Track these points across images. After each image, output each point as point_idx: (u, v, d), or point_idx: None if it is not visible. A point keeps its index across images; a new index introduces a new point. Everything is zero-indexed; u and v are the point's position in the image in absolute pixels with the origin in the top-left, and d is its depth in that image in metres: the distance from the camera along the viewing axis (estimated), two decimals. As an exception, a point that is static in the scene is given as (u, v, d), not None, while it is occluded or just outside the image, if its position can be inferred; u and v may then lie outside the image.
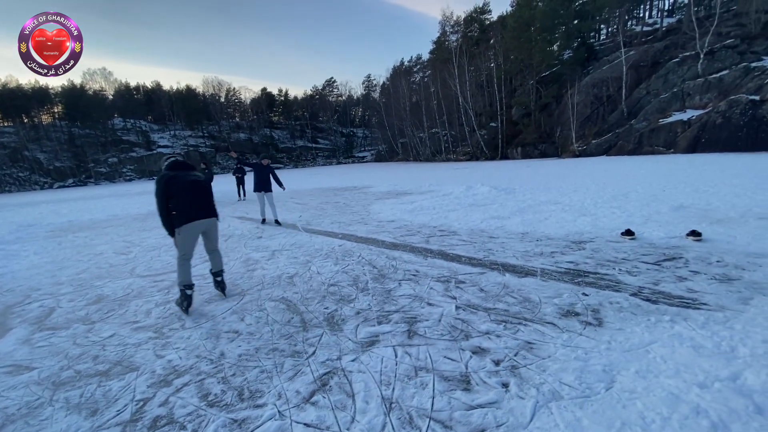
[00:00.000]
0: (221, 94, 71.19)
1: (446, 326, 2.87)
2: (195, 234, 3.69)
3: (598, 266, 3.99)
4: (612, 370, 2.15)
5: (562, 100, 32.42)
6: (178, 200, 3.56)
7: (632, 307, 2.94)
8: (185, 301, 3.57)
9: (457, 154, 41.71)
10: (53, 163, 52.10)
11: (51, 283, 5.01)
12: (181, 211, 3.56)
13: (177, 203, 3.56)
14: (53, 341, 3.22)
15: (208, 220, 3.77)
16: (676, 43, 28.39)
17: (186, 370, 2.57)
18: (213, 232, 3.89)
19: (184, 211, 3.57)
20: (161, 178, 3.55)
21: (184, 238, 3.59)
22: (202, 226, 3.72)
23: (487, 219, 6.86)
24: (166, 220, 3.59)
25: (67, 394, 2.42)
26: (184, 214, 3.56)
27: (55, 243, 8.01)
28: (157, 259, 5.83)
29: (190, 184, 3.65)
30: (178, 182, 3.57)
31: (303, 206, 11.18)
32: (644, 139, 24.62)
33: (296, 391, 2.22)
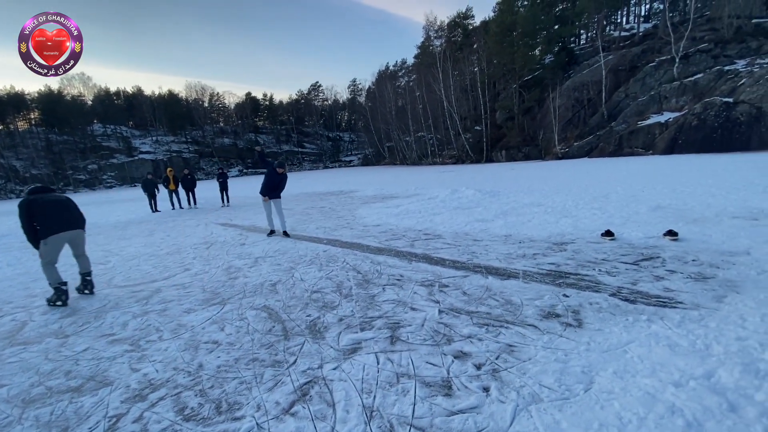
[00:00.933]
0: (205, 99, 70.23)
1: (429, 331, 2.86)
2: (59, 244, 4.39)
3: (579, 267, 4.05)
4: (591, 371, 2.17)
5: (545, 103, 33.03)
6: (40, 218, 4.25)
7: (611, 308, 2.99)
8: (62, 295, 4.28)
9: (443, 157, 42.03)
10: (30, 170, 50.47)
11: (24, 295, 4.83)
12: (44, 226, 4.26)
13: (40, 220, 4.26)
14: (24, 356, 3.09)
15: (71, 231, 4.49)
16: (653, 47, 29.26)
17: (162, 383, 2.49)
18: (77, 240, 4.60)
19: (46, 225, 4.27)
20: (21, 204, 4.21)
21: (50, 248, 4.29)
22: (66, 237, 4.44)
23: (472, 222, 6.91)
24: (30, 236, 4.27)
25: (37, 411, 2.32)
26: (47, 229, 4.26)
27: (29, 253, 7.73)
28: (136, 269, 5.68)
29: (50, 203, 4.36)
30: (38, 203, 4.26)
31: (288, 211, 11.07)
32: (624, 141, 25.25)
33: (276, 401, 2.18)
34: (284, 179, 7.47)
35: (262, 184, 7.34)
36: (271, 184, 7.27)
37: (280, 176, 7.35)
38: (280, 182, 7.37)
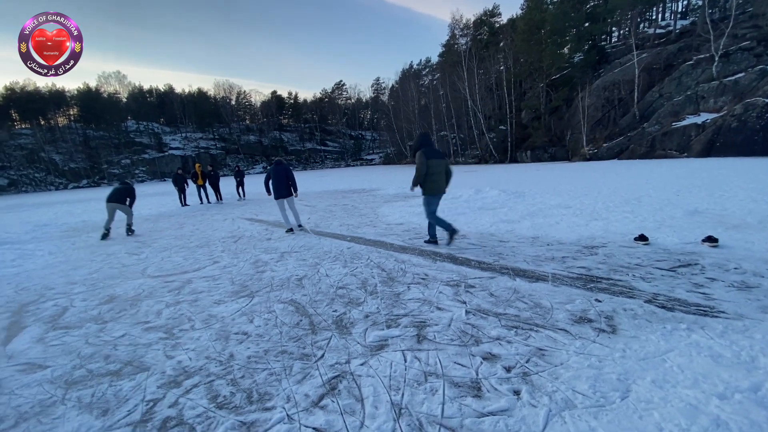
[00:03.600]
0: (232, 97, 72.09)
1: (456, 331, 2.84)
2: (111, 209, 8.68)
3: (612, 272, 3.92)
4: (627, 379, 2.10)
5: (573, 103, 32.13)
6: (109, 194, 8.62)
7: (647, 314, 2.88)
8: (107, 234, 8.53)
9: (466, 157, 41.55)
10: (68, 164, 53.20)
11: (65, 282, 5.09)
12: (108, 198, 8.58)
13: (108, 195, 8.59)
14: (66, 340, 3.26)
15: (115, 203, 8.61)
16: (690, 45, 27.94)
17: (195, 371, 2.57)
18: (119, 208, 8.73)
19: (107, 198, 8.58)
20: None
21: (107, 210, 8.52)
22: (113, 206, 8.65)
23: (497, 222, 6.80)
24: None
25: (79, 393, 2.44)
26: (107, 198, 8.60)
27: (69, 243, 8.15)
28: (168, 260, 5.89)
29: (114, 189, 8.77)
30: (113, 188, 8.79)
31: (311, 208, 11.22)
32: (657, 142, 24.25)
33: (305, 394, 2.21)
34: (282, 174, 7.34)
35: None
36: (274, 185, 7.34)
37: (277, 172, 7.30)
38: (279, 179, 7.30)
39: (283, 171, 7.35)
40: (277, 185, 7.31)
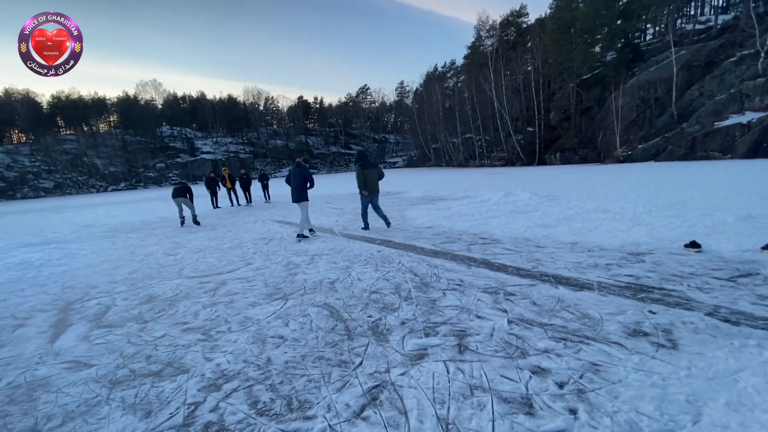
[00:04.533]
0: (260, 103, 73.98)
1: (499, 342, 2.70)
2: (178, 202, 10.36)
3: (663, 281, 3.66)
4: (697, 401, 1.91)
5: (605, 103, 30.98)
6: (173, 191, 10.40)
7: (710, 329, 2.65)
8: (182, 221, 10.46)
9: (492, 159, 40.82)
10: (108, 168, 56.06)
11: (107, 281, 5.27)
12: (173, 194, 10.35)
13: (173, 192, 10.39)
14: (109, 339, 3.34)
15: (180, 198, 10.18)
16: (733, 41, 26.38)
17: (234, 375, 2.56)
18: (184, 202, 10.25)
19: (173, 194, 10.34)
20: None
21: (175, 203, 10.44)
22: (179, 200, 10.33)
23: (532, 227, 6.56)
24: None
25: (123, 393, 2.47)
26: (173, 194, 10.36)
27: (109, 243, 8.50)
28: (203, 261, 6.01)
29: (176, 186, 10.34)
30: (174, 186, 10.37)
31: (339, 211, 11.25)
32: (697, 143, 23.01)
33: (346, 404, 2.15)
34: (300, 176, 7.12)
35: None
36: (291, 186, 7.23)
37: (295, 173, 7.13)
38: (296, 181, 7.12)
39: (300, 173, 7.14)
40: (292, 188, 7.18)
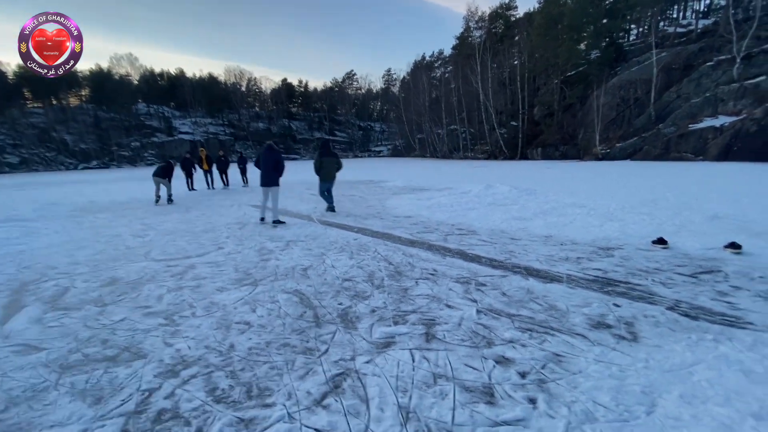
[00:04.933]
0: (242, 83, 71.72)
1: (467, 331, 2.70)
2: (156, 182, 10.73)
3: (629, 275, 3.75)
4: (652, 392, 1.95)
5: (587, 101, 31.47)
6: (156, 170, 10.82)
7: (670, 322, 2.72)
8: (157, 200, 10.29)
9: (475, 152, 41.10)
10: (79, 144, 53.52)
11: (68, 262, 5.03)
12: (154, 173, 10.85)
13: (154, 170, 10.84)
14: (65, 322, 3.18)
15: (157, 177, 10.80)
16: (712, 45, 27.09)
17: (194, 360, 2.47)
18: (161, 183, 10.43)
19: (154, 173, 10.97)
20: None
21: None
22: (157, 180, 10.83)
23: (508, 219, 6.63)
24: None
25: (73, 378, 2.35)
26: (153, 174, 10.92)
27: (75, 222, 8.12)
28: (172, 244, 5.81)
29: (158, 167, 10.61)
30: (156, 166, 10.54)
31: (318, 198, 11.07)
32: (672, 144, 23.70)
33: (307, 391, 2.10)
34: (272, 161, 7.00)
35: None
36: (261, 171, 7.08)
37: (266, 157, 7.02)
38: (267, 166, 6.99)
39: (272, 158, 7.04)
40: (263, 172, 7.02)
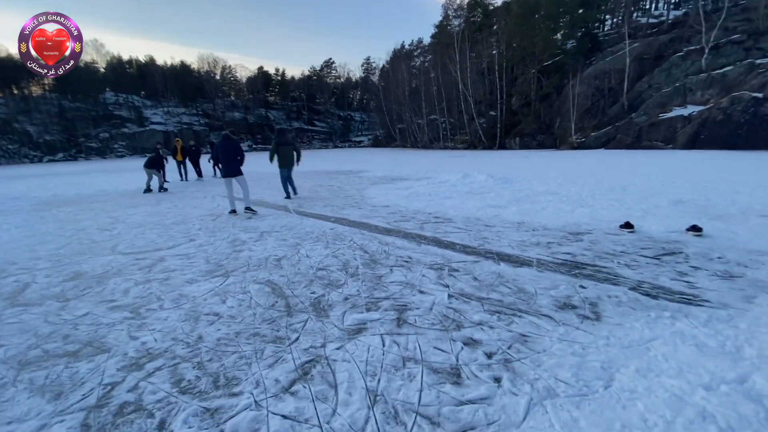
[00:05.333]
0: (216, 72, 69.45)
1: (438, 315, 2.74)
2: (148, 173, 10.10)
3: (596, 258, 3.87)
4: (611, 368, 2.03)
5: (563, 90, 32.03)
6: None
7: (631, 302, 2.83)
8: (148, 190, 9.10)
9: (455, 142, 41.33)
10: (43, 136, 50.81)
11: (29, 257, 4.80)
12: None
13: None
14: (24, 318, 3.05)
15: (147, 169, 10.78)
16: (682, 36, 27.95)
17: (160, 353, 2.41)
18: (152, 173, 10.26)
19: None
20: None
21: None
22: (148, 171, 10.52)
23: (484, 207, 6.71)
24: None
25: (32, 374, 2.27)
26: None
27: (38, 217, 7.76)
28: (141, 237, 5.63)
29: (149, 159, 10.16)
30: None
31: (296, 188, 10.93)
32: (643, 133, 24.48)
33: (275, 379, 2.09)
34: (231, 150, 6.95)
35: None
36: (222, 162, 7.06)
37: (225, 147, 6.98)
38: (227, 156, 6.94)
39: (231, 147, 6.99)
40: (225, 162, 6.96)
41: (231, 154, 6.96)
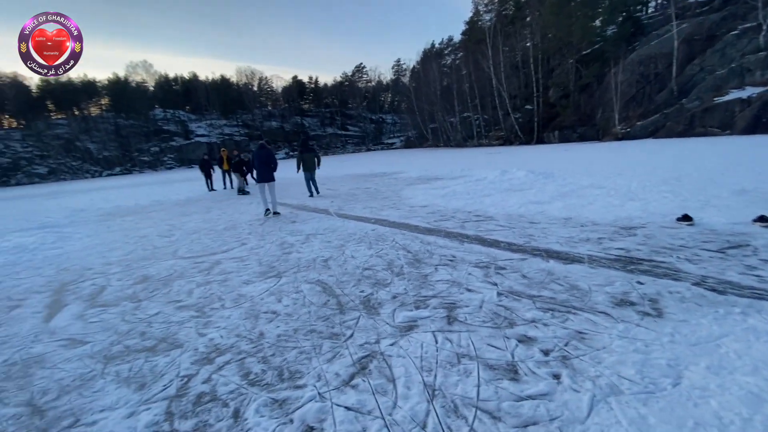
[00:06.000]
0: (254, 83, 72.42)
1: (488, 313, 2.74)
2: None
3: (653, 253, 3.69)
4: (678, 365, 1.96)
5: (605, 79, 30.48)
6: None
7: (696, 298, 2.69)
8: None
9: (490, 138, 40.48)
10: (102, 152, 55.32)
11: (101, 263, 5.28)
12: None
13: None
14: (104, 317, 3.37)
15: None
16: (735, 13, 25.73)
17: (227, 348, 2.60)
18: None
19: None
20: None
21: None
22: None
23: (526, 204, 6.56)
24: None
25: (117, 367, 2.51)
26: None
27: (104, 227, 8.48)
28: (197, 242, 6.02)
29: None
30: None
31: (334, 192, 11.21)
32: (696, 119, 22.78)
33: (335, 373, 2.19)
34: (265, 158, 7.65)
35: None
36: (257, 169, 7.72)
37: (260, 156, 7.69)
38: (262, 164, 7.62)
39: (266, 155, 7.70)
40: (260, 170, 7.63)
41: (265, 162, 7.65)
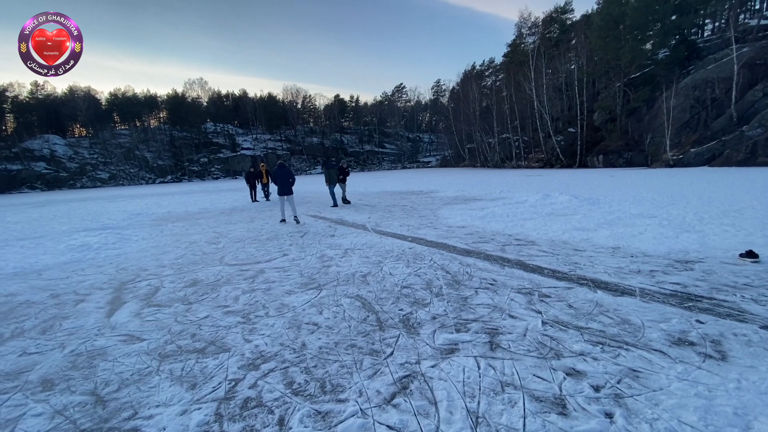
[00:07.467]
0: (298, 101, 75.75)
1: (533, 342, 2.66)
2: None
3: (713, 291, 3.45)
4: (746, 414, 1.81)
5: (655, 103, 29.18)
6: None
7: (764, 342, 2.48)
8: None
9: (529, 160, 39.62)
10: (157, 161, 59.59)
11: (156, 265, 5.65)
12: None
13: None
14: (159, 317, 3.59)
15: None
16: (806, 36, 24.04)
17: (271, 356, 2.69)
18: None
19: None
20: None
21: None
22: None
23: (570, 230, 6.35)
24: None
25: (171, 366, 2.67)
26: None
27: (157, 230, 9.07)
28: (242, 250, 6.29)
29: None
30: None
31: (371, 208, 11.37)
32: (759, 148, 21.19)
33: (377, 390, 2.20)
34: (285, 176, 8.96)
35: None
36: (278, 184, 9.03)
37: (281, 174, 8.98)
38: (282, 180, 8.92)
39: (285, 173, 9.03)
40: (280, 185, 8.98)
41: (284, 178, 8.99)
